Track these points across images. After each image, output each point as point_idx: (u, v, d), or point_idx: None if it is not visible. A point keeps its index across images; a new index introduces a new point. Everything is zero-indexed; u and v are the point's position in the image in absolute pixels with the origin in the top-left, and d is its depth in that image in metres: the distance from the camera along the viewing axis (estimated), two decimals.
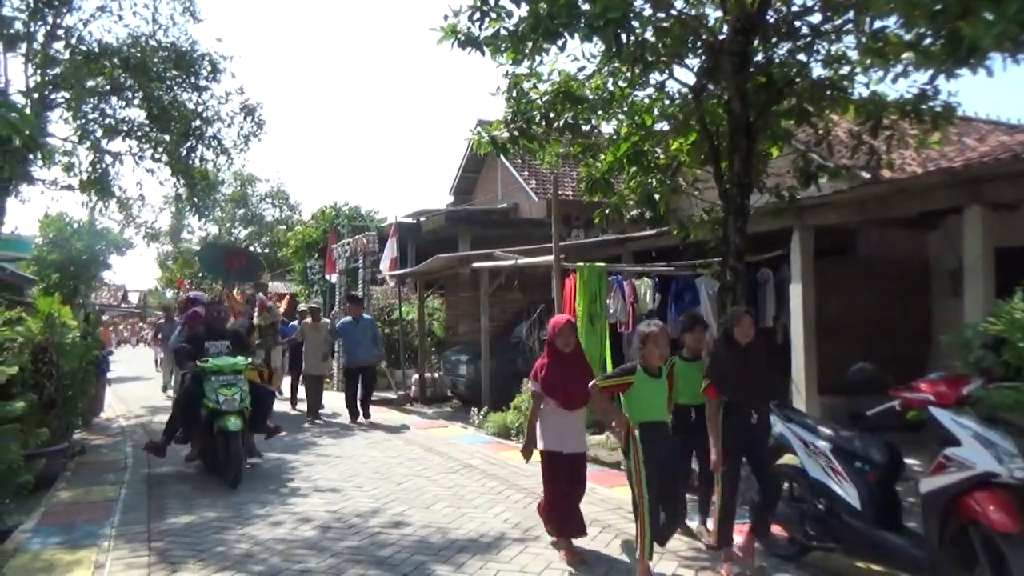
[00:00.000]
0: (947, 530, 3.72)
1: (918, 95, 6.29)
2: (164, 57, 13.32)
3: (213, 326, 7.93)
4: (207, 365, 7.27)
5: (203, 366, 7.27)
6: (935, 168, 7.91)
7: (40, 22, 12.14)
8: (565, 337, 4.83)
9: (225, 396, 7.01)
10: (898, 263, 10.18)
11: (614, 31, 5.44)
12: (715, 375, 4.68)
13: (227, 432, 6.86)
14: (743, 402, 4.60)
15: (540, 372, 4.87)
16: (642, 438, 4.38)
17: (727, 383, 4.61)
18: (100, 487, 7.07)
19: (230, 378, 7.21)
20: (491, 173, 20.39)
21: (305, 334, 12.09)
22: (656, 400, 4.57)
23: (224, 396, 7.01)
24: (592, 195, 8.00)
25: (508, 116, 7.19)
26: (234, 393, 7.08)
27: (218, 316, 8.13)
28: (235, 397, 7.06)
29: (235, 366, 7.35)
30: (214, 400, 7.02)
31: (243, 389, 7.22)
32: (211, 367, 7.25)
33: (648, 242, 10.79)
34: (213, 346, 7.57)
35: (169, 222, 33.17)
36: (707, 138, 7.05)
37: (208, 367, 7.25)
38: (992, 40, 3.65)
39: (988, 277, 6.85)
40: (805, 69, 6.71)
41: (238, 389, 7.16)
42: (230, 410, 6.95)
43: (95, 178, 13.08)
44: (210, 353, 7.47)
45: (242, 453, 7.06)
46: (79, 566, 4.77)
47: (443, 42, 6.22)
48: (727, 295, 6.80)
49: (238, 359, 7.48)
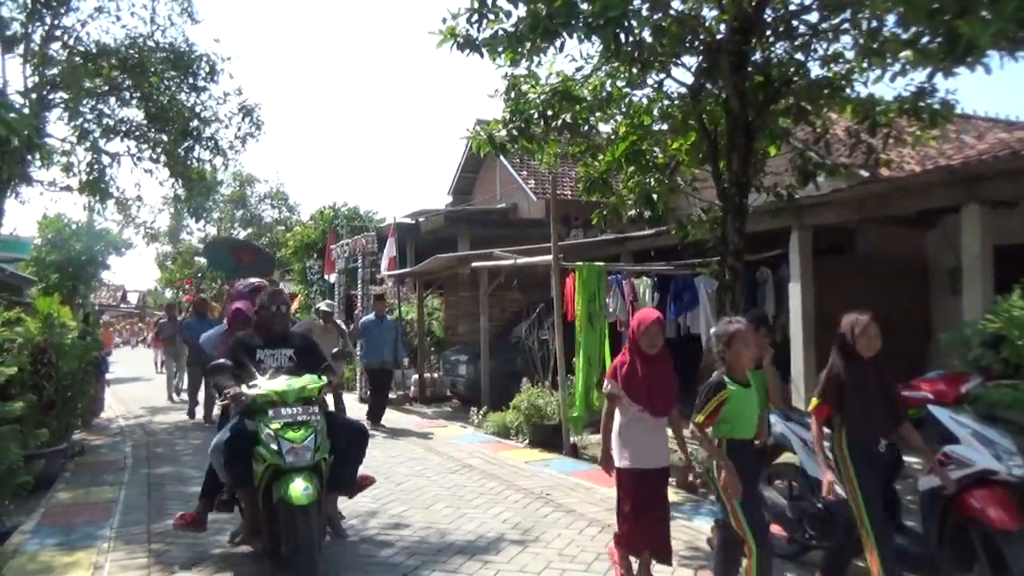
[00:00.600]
0: (946, 528, 3.73)
1: (916, 93, 6.30)
2: (162, 58, 13.31)
3: (268, 327, 5.09)
4: (260, 392, 4.53)
5: (254, 393, 4.54)
6: (934, 166, 7.92)
7: (38, 22, 12.13)
8: (652, 337, 4.15)
9: (291, 443, 4.35)
10: (897, 261, 10.19)
11: (613, 31, 5.44)
12: (830, 395, 3.91)
13: (293, 505, 4.23)
14: (867, 428, 3.84)
15: (621, 371, 4.23)
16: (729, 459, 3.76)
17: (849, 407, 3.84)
18: (99, 488, 7.07)
19: (298, 412, 4.52)
20: (490, 173, 20.40)
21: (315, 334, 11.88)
22: (750, 414, 3.88)
23: (290, 443, 4.35)
24: (591, 195, 8.01)
25: (506, 116, 7.20)
26: (306, 437, 4.40)
27: (275, 313, 5.11)
28: (307, 444, 4.38)
29: (305, 392, 4.61)
30: (273, 450, 4.33)
31: (319, 429, 4.51)
32: (266, 395, 4.52)
33: (647, 241, 10.79)
34: (269, 358, 4.98)
35: (168, 223, 33.13)
36: (705, 137, 7.05)
37: (261, 395, 4.52)
38: (990, 38, 3.66)
39: (987, 275, 6.85)
40: (803, 68, 6.71)
41: (311, 430, 4.45)
42: (299, 465, 4.32)
43: (93, 179, 13.06)
44: (264, 369, 4.87)
45: (317, 536, 4.38)
46: (78, 567, 4.77)
47: (442, 45, 6.22)
48: (726, 294, 6.81)
49: (309, 379, 4.71)
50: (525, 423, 9.19)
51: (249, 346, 4.97)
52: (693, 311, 9.63)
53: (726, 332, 3.90)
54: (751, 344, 3.89)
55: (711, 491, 4.67)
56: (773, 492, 4.84)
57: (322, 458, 4.51)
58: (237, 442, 4.56)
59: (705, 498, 6.21)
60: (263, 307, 5.14)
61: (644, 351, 4.16)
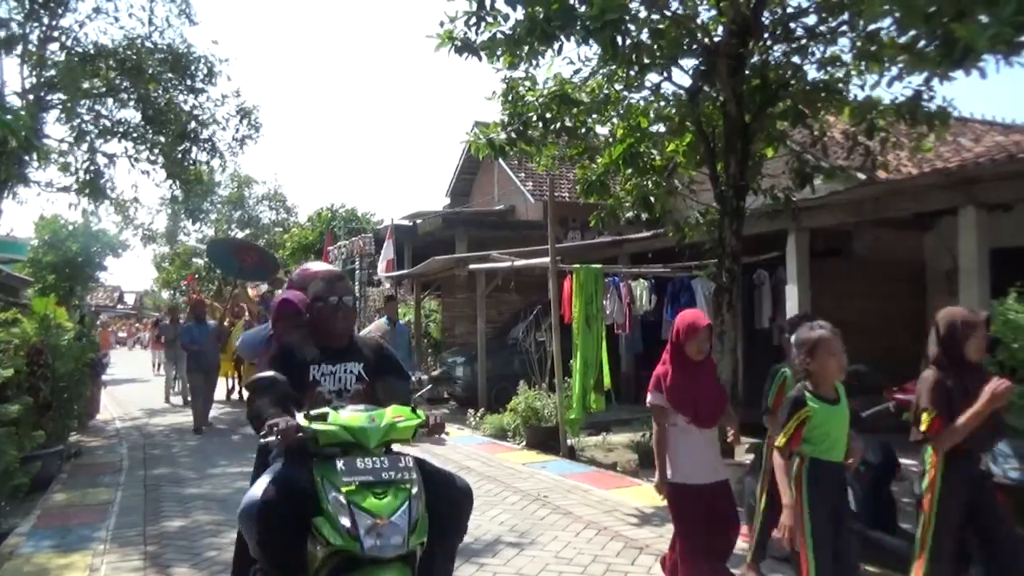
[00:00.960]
0: None
1: (912, 97, 6.31)
2: (160, 59, 13.30)
3: (327, 330, 3.41)
4: (326, 428, 2.87)
5: (318, 429, 2.86)
6: (930, 169, 7.94)
7: (36, 23, 12.12)
8: (700, 343, 3.85)
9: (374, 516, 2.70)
10: (894, 264, 10.21)
11: (610, 34, 5.44)
12: (944, 405, 3.31)
13: None
14: (971, 444, 3.33)
15: (665, 381, 3.89)
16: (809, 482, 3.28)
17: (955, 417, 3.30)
18: (96, 490, 7.05)
19: (383, 466, 2.85)
20: (488, 175, 20.41)
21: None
22: (838, 434, 3.35)
23: (371, 517, 2.70)
24: (588, 197, 8.02)
25: (505, 119, 7.21)
26: (396, 508, 2.75)
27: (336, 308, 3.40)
28: (397, 520, 2.72)
29: (395, 432, 3.00)
30: (344, 527, 2.68)
31: (414, 495, 2.83)
32: (334, 433, 2.88)
33: (644, 244, 10.81)
34: (328, 377, 3.33)
35: (165, 224, 33.08)
36: (703, 140, 7.06)
37: (327, 432, 2.87)
38: (986, 42, 3.67)
39: (983, 278, 6.87)
40: (800, 71, 6.72)
41: (404, 497, 2.79)
42: (384, 556, 2.69)
43: (90, 179, 13.04)
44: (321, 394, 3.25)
45: None
46: (73, 569, 4.76)
47: (440, 48, 6.23)
48: (723, 297, 6.82)
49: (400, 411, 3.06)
50: (522, 425, 9.19)
51: (298, 358, 3.27)
52: None
53: (808, 339, 3.36)
54: (838, 353, 3.33)
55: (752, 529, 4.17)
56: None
57: (418, 545, 2.79)
58: (280, 507, 2.79)
59: None
60: (318, 299, 3.35)
61: (690, 358, 3.85)
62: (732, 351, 6.79)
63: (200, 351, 10.98)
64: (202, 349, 10.98)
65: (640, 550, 4.96)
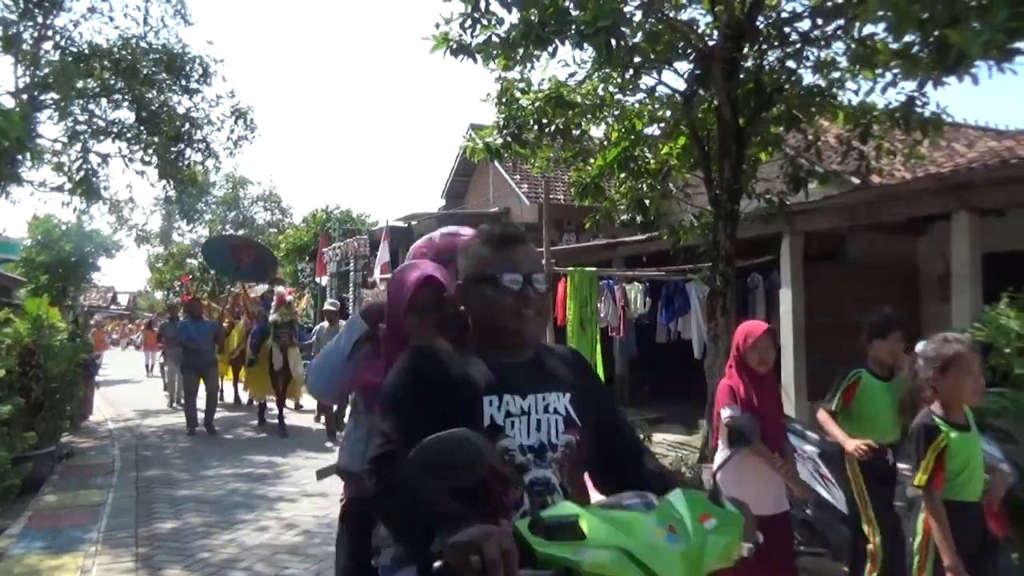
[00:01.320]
0: None
1: (906, 103, 6.34)
2: (155, 59, 13.27)
3: (505, 335, 1.69)
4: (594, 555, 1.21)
5: (566, 555, 1.21)
6: (924, 174, 7.97)
7: (30, 22, 12.09)
8: (763, 352, 3.50)
9: None
10: (887, 268, 10.24)
11: (605, 39, 5.46)
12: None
13: None
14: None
15: (740, 394, 3.47)
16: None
17: None
18: (87, 491, 7.01)
19: None
20: (483, 177, 20.40)
21: (321, 341, 9.55)
22: (975, 466, 2.88)
23: None
24: (583, 199, 8.03)
25: (500, 122, 7.21)
26: None
27: (523, 299, 1.65)
28: None
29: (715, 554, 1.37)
30: None
31: None
32: (606, 564, 1.21)
33: (639, 247, 10.82)
34: (518, 417, 1.61)
35: (160, 224, 33.02)
36: (697, 143, 7.08)
37: (598, 563, 1.21)
38: (980, 48, 3.69)
39: (976, 282, 6.90)
40: (795, 76, 6.75)
41: None
42: None
43: (82, 179, 12.99)
44: (517, 458, 1.55)
45: None
46: (65, 571, 4.73)
47: (436, 50, 6.23)
48: (717, 300, 6.84)
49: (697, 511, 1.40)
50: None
51: (454, 380, 1.66)
52: (684, 317, 9.66)
53: (940, 355, 2.84)
54: (976, 372, 2.87)
55: None
56: None
57: None
58: None
59: None
60: (484, 279, 1.71)
61: (753, 369, 3.50)
62: (726, 355, 6.80)
63: (197, 349, 10.75)
64: (199, 347, 10.76)
65: None
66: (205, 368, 10.95)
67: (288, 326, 10.76)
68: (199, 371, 10.90)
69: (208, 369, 11.02)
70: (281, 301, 11.33)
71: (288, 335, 10.68)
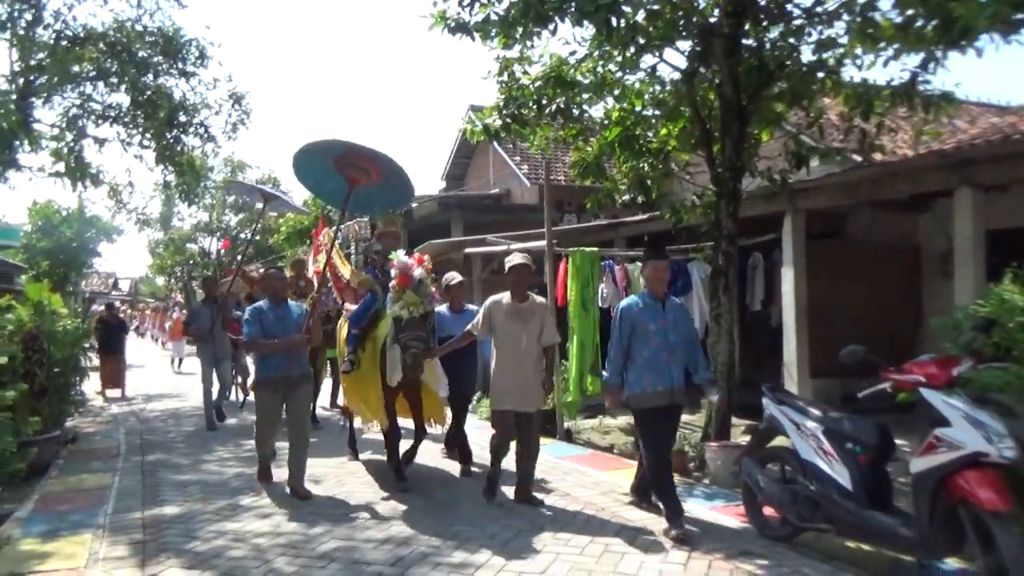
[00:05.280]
0: (937, 510, 3.75)
1: (908, 79, 6.29)
2: (151, 43, 13.16)
3: None
4: None
5: None
6: (926, 151, 7.93)
7: (24, 5, 11.97)
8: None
9: None
10: (889, 246, 10.23)
11: (605, 16, 5.41)
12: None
13: None
14: None
15: None
16: None
17: None
18: (92, 475, 7.05)
19: None
20: (483, 159, 20.32)
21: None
22: None
23: None
24: (584, 180, 8.00)
25: (500, 102, 7.16)
26: None
27: None
28: None
29: None
30: None
31: None
32: None
33: (640, 227, 10.79)
34: None
35: (160, 209, 32.93)
36: (698, 122, 7.04)
37: None
38: (985, 21, 3.65)
39: (978, 259, 6.88)
40: (796, 53, 6.69)
41: None
42: None
43: (77, 163, 12.92)
44: None
45: None
46: (71, 554, 4.76)
47: (434, 28, 6.18)
48: (719, 279, 6.83)
49: None
50: None
51: None
52: (687, 296, 9.64)
53: None
54: None
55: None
56: (765, 475, 4.87)
57: None
58: None
59: (699, 481, 6.26)
60: None
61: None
62: (729, 333, 6.81)
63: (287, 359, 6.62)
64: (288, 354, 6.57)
65: (637, 531, 4.99)
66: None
67: (422, 322, 6.09)
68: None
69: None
70: (406, 278, 6.11)
71: (422, 338, 6.02)
